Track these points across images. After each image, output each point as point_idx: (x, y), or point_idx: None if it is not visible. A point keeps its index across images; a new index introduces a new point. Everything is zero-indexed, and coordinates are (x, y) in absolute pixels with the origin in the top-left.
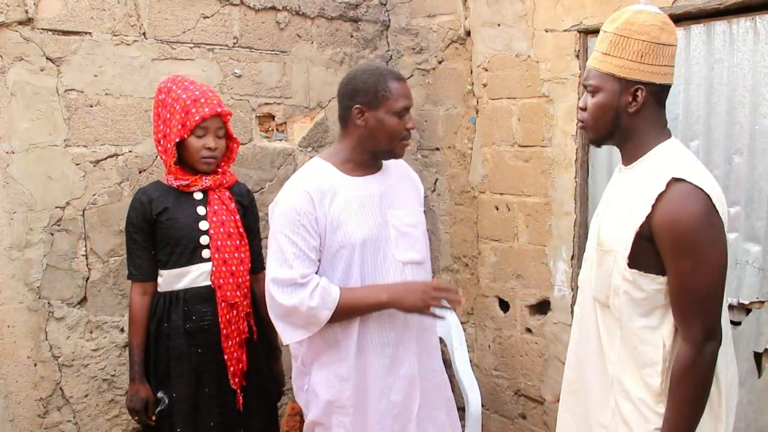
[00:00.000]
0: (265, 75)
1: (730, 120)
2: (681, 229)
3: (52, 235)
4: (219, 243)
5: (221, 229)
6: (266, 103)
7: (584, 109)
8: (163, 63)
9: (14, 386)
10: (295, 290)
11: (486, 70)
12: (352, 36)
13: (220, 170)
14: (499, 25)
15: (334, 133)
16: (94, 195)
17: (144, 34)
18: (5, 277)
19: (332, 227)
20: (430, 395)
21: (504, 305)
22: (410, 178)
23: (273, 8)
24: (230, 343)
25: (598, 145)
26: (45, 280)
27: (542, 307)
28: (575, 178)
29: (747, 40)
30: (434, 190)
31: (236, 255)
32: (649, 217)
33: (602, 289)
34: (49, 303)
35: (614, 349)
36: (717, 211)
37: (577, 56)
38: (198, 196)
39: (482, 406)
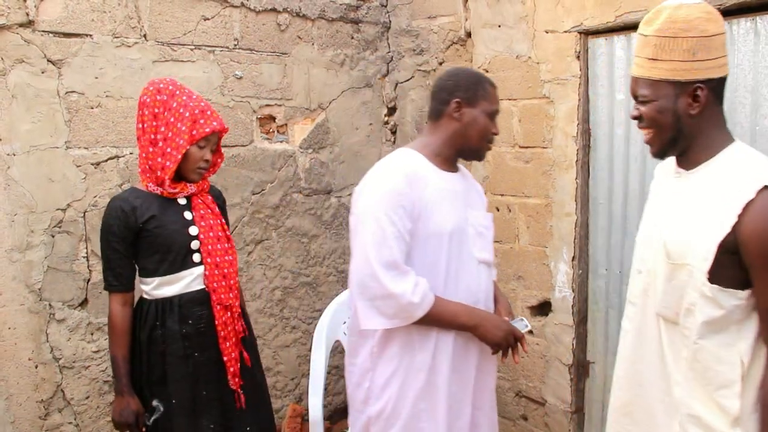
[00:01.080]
0: (266, 77)
1: (731, 120)
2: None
3: (53, 237)
4: (210, 247)
5: (210, 233)
6: (267, 105)
7: (637, 119)
8: (163, 65)
9: (15, 388)
10: (399, 277)
11: (487, 71)
12: (352, 37)
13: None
14: (499, 26)
15: (335, 135)
16: (95, 197)
17: (145, 36)
18: (6, 279)
19: (426, 213)
20: (479, 392)
21: None
22: (476, 187)
23: (274, 10)
24: (228, 344)
25: (663, 156)
26: (46, 282)
27: (543, 308)
28: (576, 179)
29: (747, 40)
30: None
31: (226, 258)
32: (735, 227)
33: (671, 306)
34: (50, 305)
35: (680, 369)
36: None
37: (578, 57)
38: (182, 201)
39: None
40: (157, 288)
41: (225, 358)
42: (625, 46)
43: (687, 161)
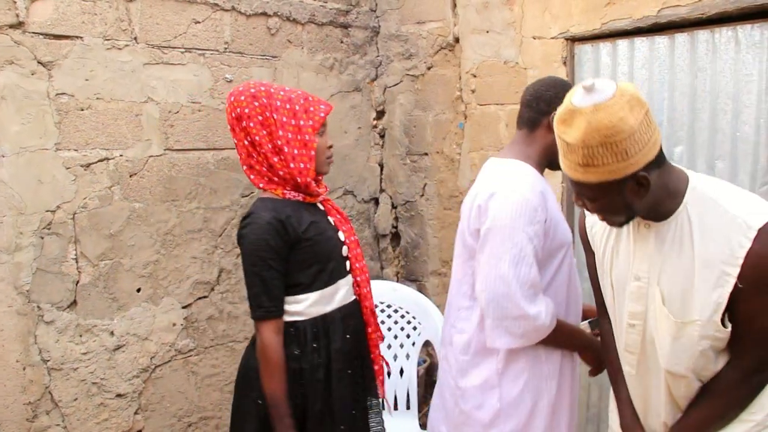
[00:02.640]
0: (256, 80)
1: (713, 126)
2: (764, 268)
3: (42, 238)
4: (355, 252)
5: (352, 237)
6: None
7: (584, 206)
8: (154, 68)
9: (2, 390)
10: (535, 297)
11: (474, 76)
12: (342, 42)
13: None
14: (487, 32)
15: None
16: (85, 199)
17: (135, 38)
18: None
19: (553, 225)
20: None
21: None
22: None
23: (264, 14)
24: (377, 351)
25: (623, 226)
26: (34, 284)
27: None
28: (562, 182)
29: (729, 49)
30: (423, 195)
31: (364, 262)
32: (738, 275)
33: (682, 362)
34: (38, 306)
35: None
36: None
37: (564, 63)
38: (320, 206)
39: None
40: (314, 305)
41: (376, 367)
42: (611, 53)
43: (654, 217)
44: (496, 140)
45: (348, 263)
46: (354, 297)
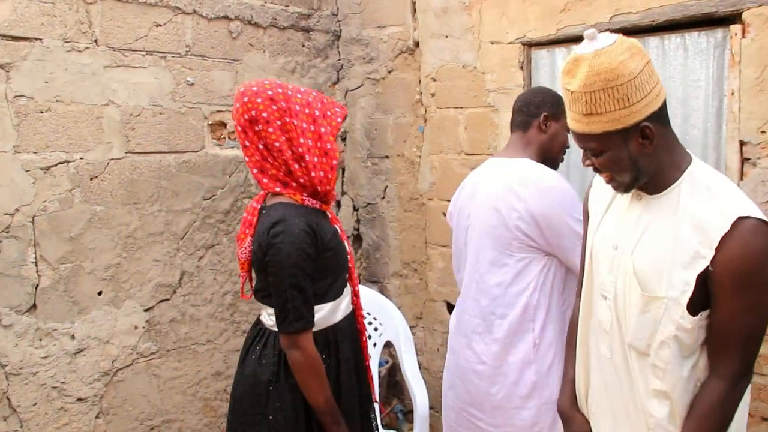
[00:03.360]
0: (218, 83)
1: None
2: (746, 265)
3: (0, 241)
4: (353, 261)
5: (349, 247)
6: (218, 111)
7: (592, 166)
8: (115, 70)
9: None
10: None
11: (434, 80)
12: (303, 45)
13: None
14: (446, 36)
15: None
16: (45, 202)
17: (96, 41)
18: None
19: None
20: None
21: (452, 309)
22: None
23: (226, 17)
24: (369, 357)
25: (628, 191)
26: None
27: None
28: None
29: (677, 55)
30: (384, 197)
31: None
32: (712, 260)
33: (644, 338)
34: None
35: (651, 401)
36: None
37: (521, 68)
38: (328, 214)
39: (430, 407)
40: (325, 316)
41: (371, 375)
42: (566, 58)
43: (650, 187)
44: (455, 143)
45: (348, 273)
46: (352, 306)
